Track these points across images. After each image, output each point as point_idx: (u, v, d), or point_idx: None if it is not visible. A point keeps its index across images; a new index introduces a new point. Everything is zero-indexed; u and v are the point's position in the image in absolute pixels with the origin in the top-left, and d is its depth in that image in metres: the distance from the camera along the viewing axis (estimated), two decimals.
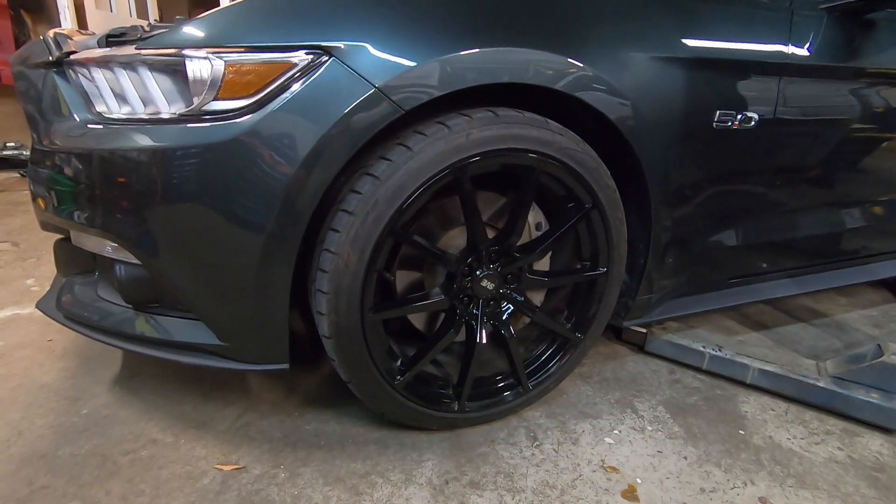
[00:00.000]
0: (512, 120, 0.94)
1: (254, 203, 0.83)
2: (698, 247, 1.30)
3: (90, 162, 0.89)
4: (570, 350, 1.19)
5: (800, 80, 1.22)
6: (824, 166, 1.40)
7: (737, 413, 1.26)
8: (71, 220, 0.94)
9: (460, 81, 0.87)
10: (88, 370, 1.28)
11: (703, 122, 1.12)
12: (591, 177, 1.03)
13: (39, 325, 1.47)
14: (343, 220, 0.87)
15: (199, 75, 0.81)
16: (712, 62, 1.11)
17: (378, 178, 0.87)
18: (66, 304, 1.09)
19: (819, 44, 1.23)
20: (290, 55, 0.81)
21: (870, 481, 1.07)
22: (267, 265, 0.87)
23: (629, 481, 1.02)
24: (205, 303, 0.92)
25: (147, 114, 0.87)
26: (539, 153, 0.97)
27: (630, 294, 1.26)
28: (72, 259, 1.12)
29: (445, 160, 0.89)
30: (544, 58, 0.93)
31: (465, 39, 0.88)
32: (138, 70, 0.86)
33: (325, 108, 0.82)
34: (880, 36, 1.32)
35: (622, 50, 1.02)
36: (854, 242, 1.64)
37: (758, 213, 1.36)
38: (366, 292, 0.91)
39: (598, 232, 1.09)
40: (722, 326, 1.64)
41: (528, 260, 1.09)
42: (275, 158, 0.81)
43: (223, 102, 0.82)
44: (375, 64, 0.82)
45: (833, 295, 1.97)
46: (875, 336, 1.69)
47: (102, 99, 0.91)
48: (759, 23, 1.19)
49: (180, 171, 0.84)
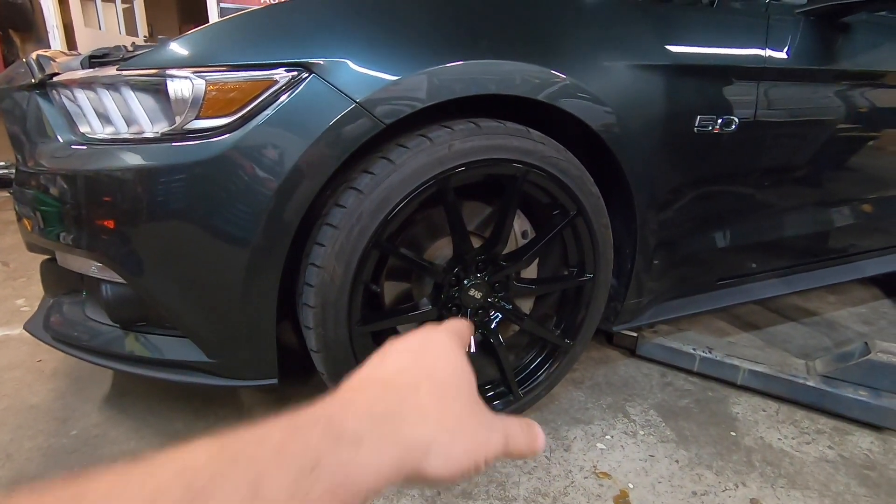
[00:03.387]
0: (493, 131, 0.95)
1: (238, 219, 0.84)
2: (685, 250, 1.31)
3: (75, 183, 0.89)
4: (560, 356, 1.19)
5: (778, 83, 1.24)
6: (807, 167, 1.42)
7: (728, 415, 1.27)
8: (56, 241, 0.94)
9: (447, 92, 0.88)
10: (78, 390, 1.28)
11: (683, 128, 1.14)
12: (575, 184, 1.04)
13: (29, 346, 1.46)
14: (328, 234, 0.88)
15: (181, 94, 0.82)
16: (691, 68, 1.13)
17: (362, 192, 0.87)
18: (54, 325, 1.08)
19: (796, 47, 1.25)
20: (270, 73, 0.82)
21: (860, 479, 1.07)
22: (253, 280, 0.88)
23: (621, 486, 1.02)
24: (191, 320, 0.93)
25: (131, 133, 0.87)
26: (522, 163, 0.98)
27: (619, 298, 1.27)
28: (59, 279, 1.12)
29: (428, 172, 0.90)
30: (529, 69, 0.94)
31: (448, 52, 0.89)
32: (121, 90, 0.87)
33: (306, 124, 0.82)
34: (856, 38, 1.34)
35: (602, 59, 1.04)
36: (841, 241, 1.66)
37: (744, 215, 1.37)
38: (352, 305, 0.92)
39: (583, 238, 1.10)
40: (713, 328, 1.65)
41: (514, 268, 1.09)
42: (257, 176, 0.82)
43: (205, 121, 0.83)
44: (356, 79, 0.83)
45: (822, 293, 1.99)
46: (865, 333, 1.70)
47: (86, 120, 0.92)
48: (736, 28, 1.21)
49: (164, 190, 0.84)
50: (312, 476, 0.23)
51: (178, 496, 0.20)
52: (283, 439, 0.23)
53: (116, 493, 0.20)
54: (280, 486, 0.22)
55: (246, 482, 0.21)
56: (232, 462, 0.22)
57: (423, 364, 0.32)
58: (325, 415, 0.26)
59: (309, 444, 0.23)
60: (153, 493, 0.20)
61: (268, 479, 0.22)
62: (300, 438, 0.24)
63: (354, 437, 0.25)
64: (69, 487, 0.19)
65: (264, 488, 0.21)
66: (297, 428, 0.24)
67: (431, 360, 0.32)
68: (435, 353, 0.33)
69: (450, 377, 0.32)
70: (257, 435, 0.23)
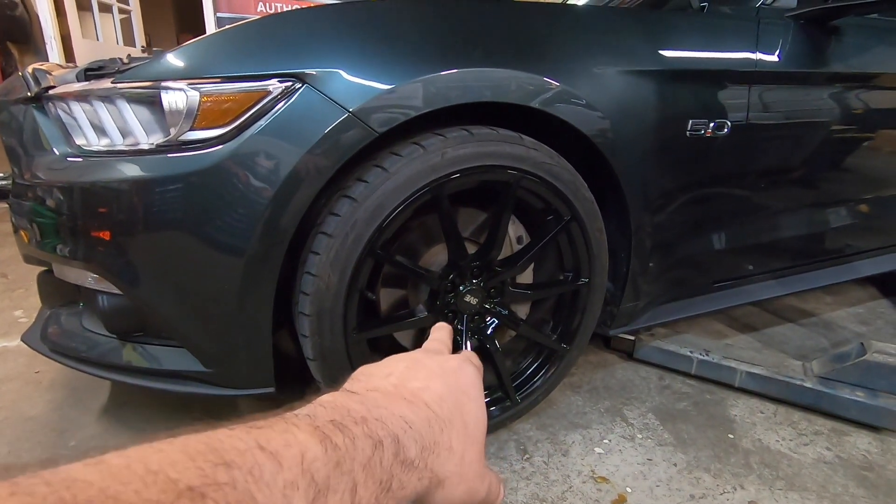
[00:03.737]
0: (486, 137, 0.95)
1: (233, 229, 0.84)
2: (681, 253, 1.31)
3: (71, 194, 0.89)
4: (557, 361, 1.19)
5: (769, 86, 1.25)
6: (801, 168, 1.43)
7: (726, 417, 1.27)
8: (53, 253, 0.94)
9: (442, 100, 0.89)
10: (76, 401, 1.28)
11: (676, 132, 1.14)
12: (569, 189, 1.05)
13: (27, 357, 1.46)
14: (323, 243, 0.88)
15: (175, 106, 0.83)
16: (682, 73, 1.14)
17: (356, 200, 0.88)
18: (51, 336, 1.09)
19: (787, 51, 1.26)
20: (264, 84, 0.83)
21: (858, 480, 1.07)
22: (248, 290, 0.88)
23: (619, 491, 1.02)
24: (188, 330, 0.93)
25: (126, 145, 0.88)
26: (515, 169, 0.98)
27: (615, 302, 1.27)
28: (55, 291, 1.13)
29: (422, 180, 0.91)
30: (523, 76, 0.95)
31: (442, 61, 0.90)
32: (116, 102, 0.88)
33: (300, 133, 0.83)
34: (846, 41, 1.35)
35: (594, 66, 1.05)
36: (836, 241, 1.67)
37: (739, 217, 1.38)
38: (348, 313, 0.92)
39: (578, 243, 1.11)
40: (710, 330, 1.65)
41: (510, 273, 1.10)
42: (251, 185, 0.83)
43: (200, 132, 0.83)
44: (349, 89, 0.84)
45: (820, 294, 1.99)
46: (862, 333, 1.70)
47: (81, 132, 0.92)
48: (726, 33, 1.22)
49: (160, 201, 0.85)
50: (387, 494, 0.27)
51: (305, 490, 0.22)
52: (368, 457, 0.26)
53: (258, 481, 0.21)
54: (368, 497, 0.25)
55: (350, 491, 0.24)
56: (337, 466, 0.24)
57: (457, 400, 0.34)
58: (392, 435, 0.28)
59: (385, 465, 0.27)
60: (286, 485, 0.22)
61: (360, 490, 0.25)
62: (379, 457, 0.27)
63: (412, 465, 0.29)
64: (217, 477, 0.20)
65: (358, 497, 0.25)
66: (379, 444, 0.27)
67: (464, 399, 0.35)
68: (467, 392, 0.36)
69: (475, 422, 0.34)
70: (349, 443, 0.26)
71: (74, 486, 0.17)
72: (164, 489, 0.18)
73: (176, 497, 0.18)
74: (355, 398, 0.30)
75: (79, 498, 0.17)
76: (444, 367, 0.36)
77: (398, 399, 0.31)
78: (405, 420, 0.30)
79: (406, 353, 0.38)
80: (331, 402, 0.29)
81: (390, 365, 0.36)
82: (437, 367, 0.36)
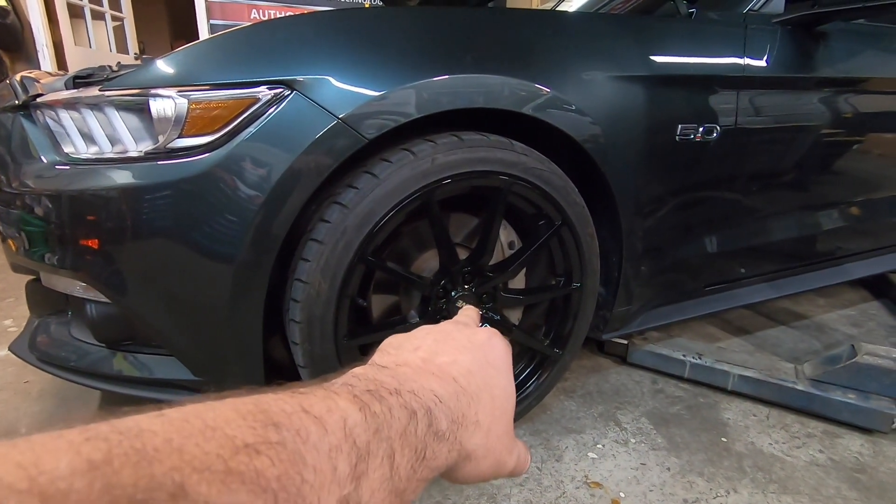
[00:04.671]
0: (476, 143, 0.96)
1: (222, 236, 0.84)
2: (672, 257, 1.32)
3: (59, 203, 0.89)
4: (550, 366, 1.19)
5: (758, 91, 1.26)
6: (791, 172, 1.44)
7: (719, 420, 1.27)
8: (41, 262, 0.93)
9: (434, 106, 0.89)
10: (67, 411, 1.26)
11: (665, 137, 1.15)
12: (559, 194, 1.05)
13: (16, 367, 1.45)
14: (313, 250, 0.88)
15: (163, 113, 0.82)
16: (671, 79, 1.14)
17: (346, 207, 0.88)
18: (39, 346, 1.08)
19: (774, 56, 1.27)
20: (253, 91, 0.83)
21: (851, 483, 1.07)
22: (238, 297, 0.87)
23: (612, 496, 1.02)
24: (178, 338, 0.92)
25: (115, 153, 0.88)
26: (506, 174, 0.98)
27: (607, 307, 1.27)
28: (44, 299, 1.12)
29: (412, 186, 0.91)
30: (514, 83, 0.95)
31: (432, 67, 0.90)
32: (104, 110, 0.87)
33: (289, 140, 0.83)
34: (833, 45, 1.37)
35: (584, 72, 1.06)
36: (827, 244, 1.68)
37: (730, 221, 1.39)
38: (339, 320, 0.92)
39: (569, 248, 1.11)
40: (703, 333, 1.66)
41: (501, 279, 1.10)
42: (240, 192, 0.82)
43: (189, 139, 0.83)
44: (338, 95, 0.84)
45: (812, 296, 2.00)
46: (854, 335, 1.71)
47: (70, 140, 0.92)
48: (714, 39, 1.23)
49: (149, 208, 0.84)
50: (422, 463, 0.27)
51: (348, 458, 0.23)
52: (404, 426, 0.27)
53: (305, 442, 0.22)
54: (405, 466, 0.26)
55: (388, 457, 0.25)
56: (377, 435, 0.25)
57: (485, 374, 0.35)
58: (425, 407, 0.29)
59: (419, 434, 0.27)
60: (332, 449, 0.23)
61: (398, 459, 0.26)
62: (414, 427, 0.27)
63: (443, 436, 0.29)
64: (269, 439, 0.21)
65: (396, 465, 0.25)
66: (413, 415, 0.28)
67: (492, 373, 0.35)
68: (495, 366, 0.36)
69: (503, 396, 0.35)
70: (386, 412, 0.26)
71: (143, 435, 0.18)
72: (222, 444, 0.19)
73: (234, 452, 0.19)
74: (386, 372, 0.31)
75: (147, 447, 0.18)
76: (473, 341, 0.36)
77: (427, 374, 0.32)
78: (435, 394, 0.30)
79: (435, 325, 0.39)
80: (363, 374, 0.30)
81: (419, 337, 0.36)
82: (466, 341, 0.36)
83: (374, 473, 0.24)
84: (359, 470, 0.23)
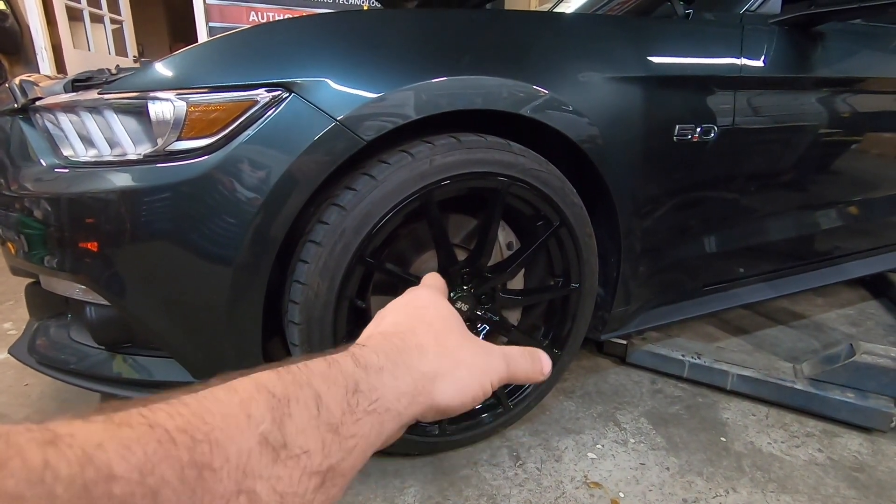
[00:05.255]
0: (474, 145, 0.96)
1: (221, 238, 0.84)
2: (671, 257, 1.32)
3: (58, 205, 0.89)
4: None
5: (755, 91, 1.26)
6: (788, 172, 1.44)
7: (718, 420, 1.27)
8: (40, 265, 0.94)
9: (432, 107, 0.89)
10: (66, 414, 1.26)
11: (663, 137, 1.15)
12: (557, 195, 1.05)
13: (16, 370, 1.45)
14: (311, 251, 0.88)
15: (162, 116, 0.83)
16: (668, 79, 1.15)
17: (344, 208, 0.88)
18: (39, 349, 1.08)
19: (771, 56, 1.28)
20: (251, 93, 0.83)
21: (850, 482, 1.08)
22: (237, 299, 0.88)
23: (612, 496, 1.02)
24: (177, 340, 0.92)
25: (113, 156, 0.88)
26: (504, 175, 0.99)
27: (606, 307, 1.27)
28: (43, 302, 1.12)
29: (410, 187, 0.91)
30: (512, 84, 0.96)
31: (430, 69, 0.91)
32: (103, 113, 0.88)
33: (288, 142, 0.83)
34: (830, 45, 1.37)
35: (582, 73, 1.06)
36: (826, 243, 1.68)
37: (728, 220, 1.39)
38: (338, 321, 0.92)
39: (567, 248, 1.11)
40: (702, 333, 1.66)
41: (500, 279, 1.10)
42: (239, 195, 0.83)
43: (187, 142, 0.83)
44: (336, 98, 0.84)
45: (810, 296, 2.01)
46: (852, 335, 1.71)
47: (69, 143, 0.92)
48: (711, 39, 1.23)
49: (148, 211, 0.84)
50: (356, 396, 0.28)
51: (265, 404, 0.24)
52: (326, 369, 0.28)
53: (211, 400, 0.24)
54: (336, 403, 0.27)
55: (312, 398, 0.26)
56: (295, 383, 0.27)
57: (414, 314, 0.38)
58: (349, 353, 0.31)
59: (345, 372, 0.29)
60: (242, 401, 0.24)
61: (326, 398, 0.27)
62: (338, 368, 0.29)
63: (377, 367, 0.30)
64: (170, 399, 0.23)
65: (324, 404, 0.27)
66: (333, 361, 0.29)
67: (421, 310, 0.38)
68: (423, 304, 0.39)
69: (440, 319, 0.37)
70: (303, 366, 0.28)
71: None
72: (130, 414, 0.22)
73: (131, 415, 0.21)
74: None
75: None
76: (406, 299, 0.41)
77: (353, 346, 0.33)
78: (356, 348, 0.32)
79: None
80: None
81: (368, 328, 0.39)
82: (401, 302, 0.40)
83: (299, 414, 0.25)
84: (279, 413, 0.25)
